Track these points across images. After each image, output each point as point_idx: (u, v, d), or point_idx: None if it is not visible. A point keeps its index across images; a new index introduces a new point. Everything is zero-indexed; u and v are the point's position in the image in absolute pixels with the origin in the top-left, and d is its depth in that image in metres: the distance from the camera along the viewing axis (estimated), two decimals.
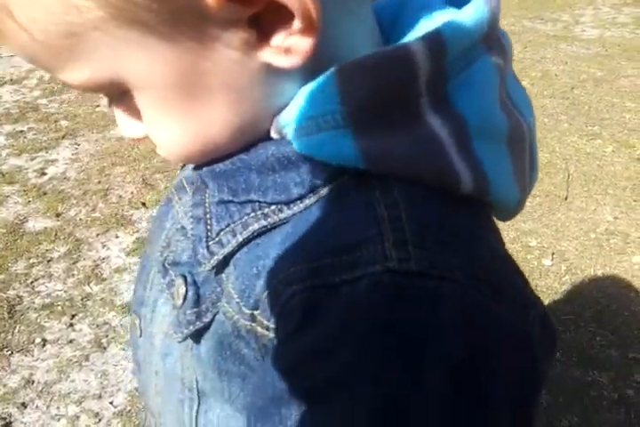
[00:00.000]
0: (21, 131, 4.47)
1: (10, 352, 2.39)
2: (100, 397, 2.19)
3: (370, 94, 0.45)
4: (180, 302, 0.54)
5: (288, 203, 0.48)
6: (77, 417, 2.11)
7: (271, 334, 0.47)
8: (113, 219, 3.28)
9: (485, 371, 0.41)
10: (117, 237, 3.13)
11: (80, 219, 3.29)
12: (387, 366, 0.40)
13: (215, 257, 0.50)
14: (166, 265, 0.57)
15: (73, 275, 2.83)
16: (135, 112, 0.52)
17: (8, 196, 3.53)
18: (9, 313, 2.58)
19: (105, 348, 2.41)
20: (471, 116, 0.47)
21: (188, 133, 0.50)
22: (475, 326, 0.42)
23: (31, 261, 2.94)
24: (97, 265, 2.91)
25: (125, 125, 0.57)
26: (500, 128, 0.50)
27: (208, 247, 0.50)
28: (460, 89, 0.47)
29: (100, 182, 3.68)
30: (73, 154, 4.10)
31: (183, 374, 0.58)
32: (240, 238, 0.49)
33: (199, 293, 0.53)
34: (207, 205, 0.51)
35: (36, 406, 2.16)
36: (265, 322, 0.47)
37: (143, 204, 3.44)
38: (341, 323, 0.41)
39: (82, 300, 2.67)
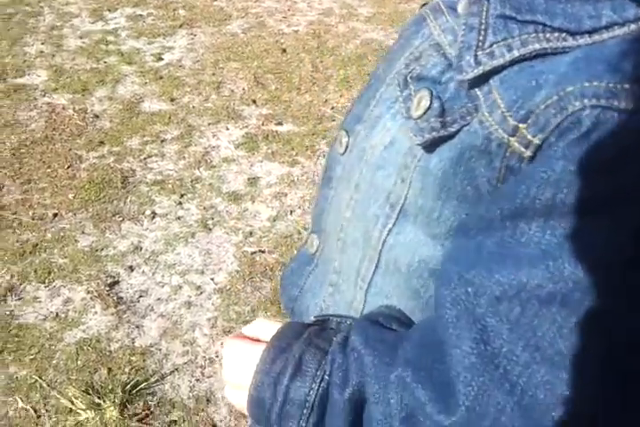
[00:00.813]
0: (141, 15, 4.48)
1: (121, 219, 2.49)
2: (202, 272, 2.27)
3: None
4: (419, 112, 0.54)
5: (575, 33, 0.46)
6: (180, 287, 2.20)
7: (528, 153, 0.46)
8: (224, 111, 3.30)
9: None
10: (227, 129, 3.16)
11: (193, 106, 3.32)
12: None
13: (481, 67, 0.49)
14: (408, 79, 0.58)
15: (184, 157, 2.89)
16: None
17: (126, 75, 3.59)
18: (122, 183, 2.67)
19: (210, 229, 2.48)
20: None
21: None
22: None
23: (145, 139, 3.01)
24: (207, 152, 2.95)
25: None
26: None
27: (476, 56, 0.49)
28: None
29: (213, 74, 3.69)
30: (189, 44, 4.10)
31: (393, 189, 0.58)
32: (516, 54, 0.47)
33: (444, 106, 0.53)
34: (485, 16, 0.50)
35: (143, 271, 2.26)
36: (529, 137, 0.46)
37: (254, 101, 3.44)
38: (630, 149, 0.41)
39: (191, 182, 2.73)
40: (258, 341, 0.64)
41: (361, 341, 0.56)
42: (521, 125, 0.46)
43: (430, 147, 0.53)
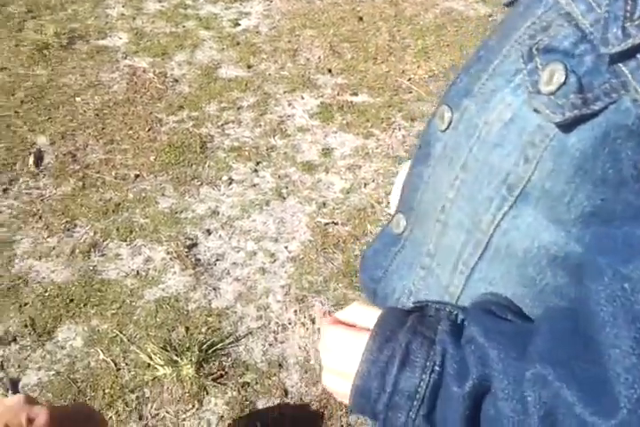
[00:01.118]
0: None
1: (200, 183, 2.54)
2: (276, 240, 2.31)
3: None
4: (552, 87, 0.50)
5: None
6: (255, 253, 2.25)
7: None
8: (300, 80, 3.29)
9: None
10: (302, 98, 3.16)
11: (269, 74, 3.33)
12: None
13: (630, 40, 0.45)
14: (534, 51, 0.53)
15: (260, 125, 2.91)
16: None
17: (204, 40, 3.61)
18: (201, 148, 2.71)
19: (284, 198, 2.50)
20: None
21: None
22: None
23: (222, 105, 3.04)
24: (282, 121, 2.96)
25: None
26: None
27: (624, 28, 0.45)
28: None
29: (289, 42, 3.68)
30: (265, 10, 4.08)
31: (513, 169, 0.54)
32: None
33: (582, 81, 0.49)
34: None
35: (219, 236, 2.31)
36: None
37: (329, 70, 3.42)
38: None
39: (266, 150, 2.75)
40: (353, 326, 0.63)
41: (480, 332, 0.54)
42: None
43: (569, 125, 0.49)
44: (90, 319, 1.97)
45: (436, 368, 0.54)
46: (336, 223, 2.40)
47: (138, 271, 2.14)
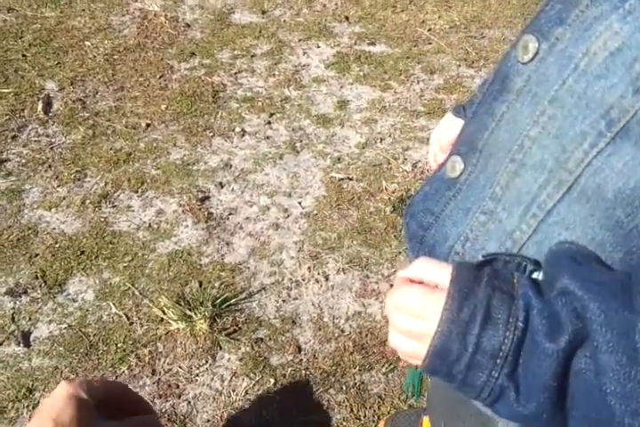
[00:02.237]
0: None
1: (212, 134, 2.47)
2: (289, 195, 2.26)
3: None
4: None
5: None
6: (268, 208, 2.21)
7: None
8: (316, 27, 3.17)
9: None
10: (318, 46, 3.05)
11: (284, 20, 3.20)
12: None
13: None
14: None
15: (274, 75, 2.82)
16: None
17: None
18: (213, 98, 2.63)
19: (298, 152, 2.44)
20: None
21: None
22: None
23: (235, 52, 2.93)
24: (297, 71, 2.87)
25: None
26: None
27: None
28: None
29: None
30: None
31: (617, 102, 0.51)
32: None
33: None
34: None
35: (232, 189, 2.26)
36: None
37: (346, 18, 3.29)
38: None
39: (280, 101, 2.67)
40: (421, 283, 0.60)
41: (576, 283, 0.52)
42: None
43: None
44: (101, 272, 1.95)
45: (519, 324, 0.52)
46: (351, 179, 2.35)
47: (150, 224, 2.10)
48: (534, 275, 0.59)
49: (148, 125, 2.46)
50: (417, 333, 0.58)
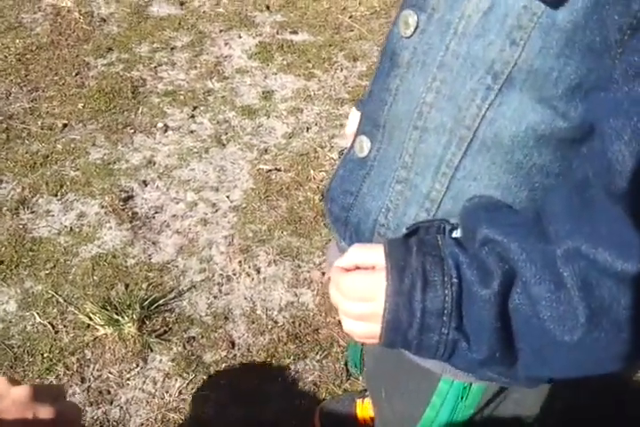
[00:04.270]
0: None
1: (133, 131, 2.41)
2: (217, 189, 2.23)
3: None
4: None
5: None
6: (195, 204, 2.17)
7: None
8: (236, 17, 3.12)
9: None
10: (240, 37, 3.00)
11: (204, 11, 3.14)
12: None
13: None
14: None
15: (195, 67, 2.76)
16: None
17: None
18: (132, 93, 2.57)
19: (224, 145, 2.40)
20: None
21: None
22: None
23: (154, 45, 2.86)
24: (219, 62, 2.82)
25: None
26: None
27: None
28: None
29: None
30: None
31: (498, 57, 0.55)
32: None
33: None
34: None
35: (157, 186, 2.21)
36: None
37: (267, 7, 3.25)
38: None
39: (203, 94, 2.62)
40: (358, 269, 0.64)
41: (493, 230, 0.56)
42: None
43: (558, 2, 0.50)
44: (23, 281, 1.88)
45: (454, 280, 0.56)
46: (279, 170, 2.33)
47: (71, 228, 2.04)
48: (454, 234, 0.64)
49: (65, 126, 2.38)
50: (367, 314, 0.61)
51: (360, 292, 0.61)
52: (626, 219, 0.47)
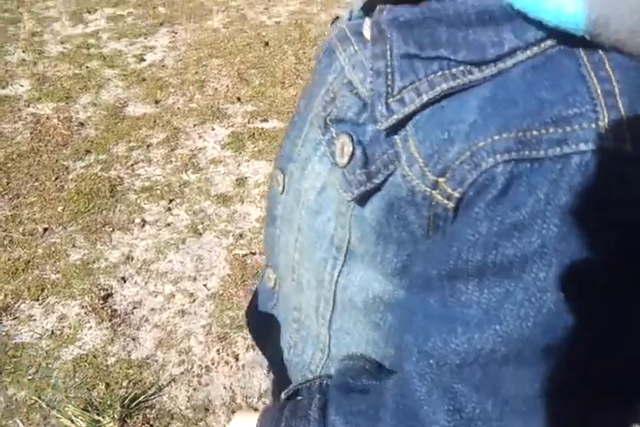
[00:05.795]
0: (121, 15, 4.45)
1: (111, 229, 2.49)
2: (194, 279, 2.28)
3: None
4: (344, 160, 0.51)
5: (480, 64, 0.43)
6: (173, 296, 2.21)
7: (451, 204, 0.45)
8: (209, 111, 3.28)
9: None
10: (213, 129, 3.15)
11: (178, 108, 3.31)
12: (590, 247, 0.39)
13: (394, 116, 0.46)
14: (328, 122, 0.55)
15: (171, 161, 2.89)
16: None
17: (109, 79, 3.57)
18: (110, 192, 2.67)
19: (200, 234, 2.48)
20: None
21: None
22: None
23: (131, 144, 3.00)
24: (194, 155, 2.94)
25: None
26: None
27: (387, 105, 0.46)
28: None
29: (196, 73, 3.67)
30: (170, 42, 4.07)
31: (335, 233, 0.57)
32: (425, 98, 0.45)
33: (366, 153, 0.50)
34: (389, 58, 0.47)
35: (135, 282, 2.27)
36: (449, 190, 0.44)
37: (238, 98, 3.42)
38: (549, 199, 0.39)
39: (179, 186, 2.73)
40: None
41: (341, 420, 0.56)
42: (440, 179, 0.45)
43: (361, 199, 0.52)
44: (6, 388, 1.90)
45: None
46: (254, 253, 2.39)
47: (52, 331, 2.08)
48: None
49: (45, 230, 2.47)
50: None
51: None
52: None
